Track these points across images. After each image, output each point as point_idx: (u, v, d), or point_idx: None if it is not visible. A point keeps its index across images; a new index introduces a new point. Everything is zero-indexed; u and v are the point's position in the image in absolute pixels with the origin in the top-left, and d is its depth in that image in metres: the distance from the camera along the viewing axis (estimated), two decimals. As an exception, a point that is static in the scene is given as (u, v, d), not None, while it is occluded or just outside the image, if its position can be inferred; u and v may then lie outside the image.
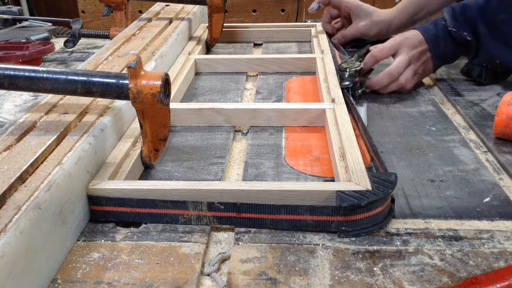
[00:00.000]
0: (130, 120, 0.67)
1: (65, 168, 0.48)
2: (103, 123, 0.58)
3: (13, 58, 1.00)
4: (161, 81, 0.51)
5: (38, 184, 0.46)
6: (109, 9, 1.12)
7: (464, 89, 0.86)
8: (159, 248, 0.47)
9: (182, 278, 0.43)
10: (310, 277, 0.43)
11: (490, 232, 0.49)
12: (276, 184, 0.51)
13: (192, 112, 0.73)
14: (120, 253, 0.47)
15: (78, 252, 0.47)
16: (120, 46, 0.87)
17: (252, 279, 0.43)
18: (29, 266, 0.40)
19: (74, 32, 1.15)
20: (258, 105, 0.74)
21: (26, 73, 0.54)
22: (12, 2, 2.17)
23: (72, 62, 1.10)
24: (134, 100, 0.52)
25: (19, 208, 0.42)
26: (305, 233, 0.49)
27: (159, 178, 0.60)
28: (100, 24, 2.26)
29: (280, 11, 2.22)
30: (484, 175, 0.59)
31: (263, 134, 0.71)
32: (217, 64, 0.97)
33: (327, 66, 0.87)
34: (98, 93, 0.54)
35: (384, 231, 0.50)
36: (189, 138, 0.70)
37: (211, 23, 1.05)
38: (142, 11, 2.03)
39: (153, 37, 0.94)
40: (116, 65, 0.76)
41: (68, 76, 0.54)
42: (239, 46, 1.16)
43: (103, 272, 0.44)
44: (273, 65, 0.97)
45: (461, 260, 0.45)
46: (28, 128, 0.56)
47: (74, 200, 0.49)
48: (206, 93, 0.87)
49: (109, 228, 0.51)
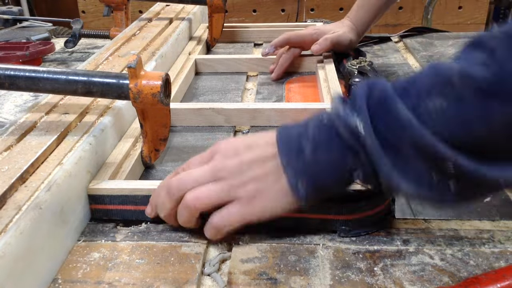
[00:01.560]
0: (130, 120, 0.67)
1: (66, 168, 0.48)
2: (104, 123, 0.58)
3: (13, 58, 1.00)
4: (161, 81, 0.51)
5: (39, 184, 0.46)
6: (109, 9, 1.12)
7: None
8: (159, 248, 0.47)
9: (183, 278, 0.43)
10: (311, 277, 0.43)
11: (490, 232, 0.49)
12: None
13: (192, 112, 0.73)
14: (121, 253, 0.47)
15: (79, 252, 0.47)
16: (120, 46, 0.87)
17: (253, 279, 0.43)
18: (30, 266, 0.40)
19: (75, 32, 1.15)
20: (259, 105, 0.74)
21: (27, 73, 0.54)
22: (13, 2, 2.17)
23: (72, 62, 1.10)
24: (135, 100, 0.52)
25: (20, 208, 0.42)
26: (305, 233, 0.49)
27: (159, 178, 0.60)
28: (101, 24, 2.26)
29: (280, 11, 2.22)
30: (485, 175, 0.59)
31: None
32: (218, 64, 0.97)
33: (327, 66, 0.87)
34: (99, 93, 0.54)
35: (385, 231, 0.50)
36: (189, 138, 0.70)
37: (211, 23, 1.05)
38: (143, 11, 2.03)
39: (153, 37, 0.94)
40: (116, 65, 0.76)
41: (69, 76, 0.54)
42: (239, 46, 1.16)
43: (103, 272, 0.44)
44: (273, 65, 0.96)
45: (462, 260, 0.45)
46: (28, 128, 0.56)
47: (75, 200, 0.49)
48: (207, 93, 0.87)
49: (109, 228, 0.51)
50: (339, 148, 0.42)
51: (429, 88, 0.39)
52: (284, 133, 0.45)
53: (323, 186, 0.44)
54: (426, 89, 0.39)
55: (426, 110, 0.38)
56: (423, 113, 0.39)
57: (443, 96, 0.38)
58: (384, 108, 0.40)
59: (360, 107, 0.41)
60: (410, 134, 0.39)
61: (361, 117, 0.41)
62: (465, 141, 0.38)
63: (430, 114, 0.38)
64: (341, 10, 2.21)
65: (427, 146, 0.38)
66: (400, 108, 0.39)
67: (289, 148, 0.44)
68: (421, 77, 0.41)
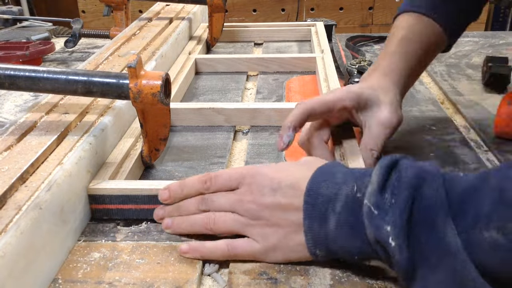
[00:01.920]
0: (130, 120, 0.67)
1: (66, 168, 0.48)
2: (104, 123, 0.58)
3: (13, 58, 1.00)
4: (161, 80, 0.51)
5: (39, 184, 0.46)
6: (109, 9, 1.12)
7: (465, 88, 0.86)
8: (159, 247, 0.47)
9: (183, 278, 0.43)
10: (311, 276, 0.43)
11: (490, 232, 0.49)
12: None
13: (192, 111, 0.73)
14: (121, 253, 0.47)
15: (79, 252, 0.47)
16: (120, 46, 0.87)
17: (253, 279, 0.43)
18: (30, 266, 0.40)
19: (75, 32, 1.14)
20: (259, 104, 0.74)
21: (27, 73, 0.53)
22: (13, 2, 2.17)
23: (72, 62, 1.10)
24: (135, 100, 0.52)
25: (20, 208, 0.42)
26: (305, 233, 0.49)
27: (159, 177, 0.60)
28: (101, 24, 2.26)
29: (280, 10, 2.22)
30: (485, 175, 0.59)
31: (264, 133, 0.71)
32: (218, 64, 0.97)
33: (327, 66, 0.87)
34: (99, 93, 0.54)
35: (385, 230, 0.49)
36: (189, 137, 0.70)
37: (211, 23, 1.05)
38: (142, 10, 2.03)
39: (153, 37, 0.94)
40: (116, 65, 0.76)
41: (69, 76, 0.54)
42: (239, 45, 1.16)
43: (104, 272, 0.44)
44: (274, 65, 0.96)
45: (462, 259, 0.45)
46: (28, 128, 0.56)
47: (75, 200, 0.49)
48: (207, 92, 0.87)
49: (109, 228, 0.51)
50: (363, 242, 0.40)
51: (490, 216, 0.34)
52: (313, 192, 0.43)
53: (339, 257, 0.43)
54: (486, 216, 0.34)
55: (479, 240, 0.34)
56: (473, 242, 0.34)
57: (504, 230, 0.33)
58: (429, 226, 0.36)
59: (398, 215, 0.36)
60: (452, 263, 0.35)
61: (395, 231, 0.36)
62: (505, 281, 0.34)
63: (481, 245, 0.34)
64: (341, 10, 2.21)
65: (467, 279, 0.34)
66: (449, 233, 0.35)
67: (313, 213, 0.42)
68: (484, 195, 0.35)
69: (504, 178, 0.35)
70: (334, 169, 0.44)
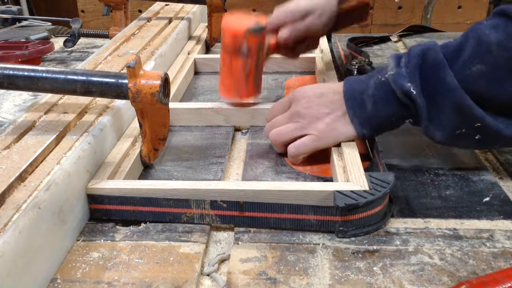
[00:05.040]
0: (129, 120, 0.67)
1: (65, 168, 0.48)
2: (103, 123, 0.58)
3: (12, 58, 1.00)
4: (160, 80, 0.51)
5: (38, 184, 0.45)
6: (108, 8, 1.12)
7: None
8: (158, 247, 0.47)
9: (182, 277, 0.43)
10: (310, 276, 0.43)
11: (490, 232, 0.49)
12: (275, 184, 0.51)
13: (191, 111, 0.73)
14: (120, 253, 0.47)
15: (78, 251, 0.47)
16: (119, 46, 0.87)
17: (252, 279, 0.43)
18: (29, 266, 0.40)
19: (74, 32, 1.14)
20: (258, 104, 0.74)
21: (26, 72, 0.53)
22: (12, 2, 2.16)
23: (71, 62, 1.09)
24: (134, 99, 0.52)
25: (19, 208, 0.42)
26: (304, 233, 0.49)
27: (158, 177, 0.60)
28: (100, 24, 2.26)
29: (280, 10, 2.21)
30: (484, 175, 0.59)
31: (263, 133, 0.71)
32: (217, 64, 0.96)
33: (326, 65, 0.87)
34: (98, 92, 0.54)
35: (384, 230, 0.50)
36: (188, 137, 0.70)
37: (210, 23, 1.05)
38: (142, 10, 2.03)
39: (152, 37, 0.94)
40: (115, 64, 0.76)
41: (68, 76, 0.54)
42: (238, 45, 1.16)
43: (102, 271, 0.44)
44: (273, 65, 0.96)
45: (461, 259, 0.45)
46: (27, 128, 0.56)
47: (74, 199, 0.49)
48: (206, 92, 0.87)
49: (108, 228, 0.51)
50: (394, 104, 0.55)
51: (473, 56, 0.51)
52: (349, 88, 0.59)
53: (381, 129, 0.58)
54: (470, 57, 0.51)
55: (469, 74, 0.51)
56: (466, 77, 0.51)
57: (483, 62, 0.50)
58: (435, 75, 0.52)
59: (413, 73, 0.53)
60: (454, 97, 0.51)
61: (414, 84, 0.53)
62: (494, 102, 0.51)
63: (471, 77, 0.50)
64: (341, 10, 2.20)
65: (465, 107, 0.51)
66: (448, 75, 0.51)
67: (353, 102, 0.58)
68: (467, 45, 0.51)
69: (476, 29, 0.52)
70: (358, 76, 0.60)
